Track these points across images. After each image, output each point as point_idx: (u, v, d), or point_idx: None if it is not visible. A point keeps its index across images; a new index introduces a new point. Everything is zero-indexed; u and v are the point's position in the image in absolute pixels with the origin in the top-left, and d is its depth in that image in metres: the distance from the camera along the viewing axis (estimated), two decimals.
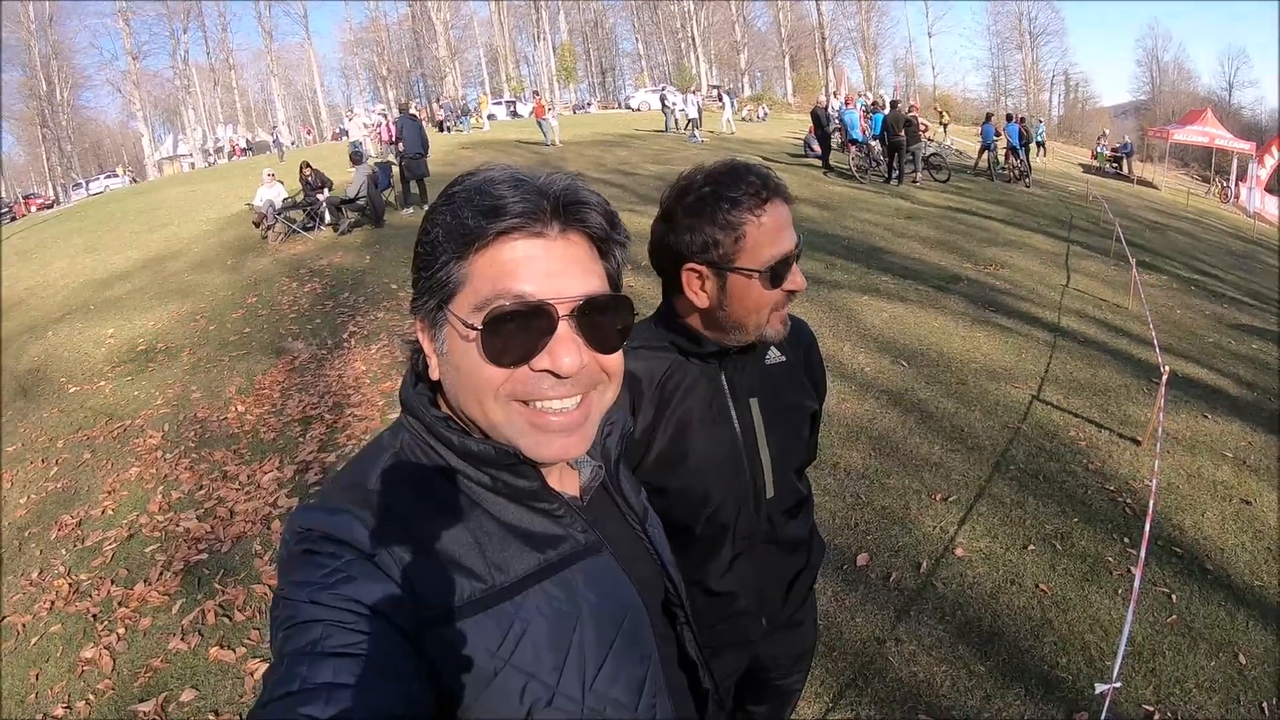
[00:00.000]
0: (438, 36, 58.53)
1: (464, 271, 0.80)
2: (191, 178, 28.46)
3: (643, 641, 0.93)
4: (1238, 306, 9.42)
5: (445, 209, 0.81)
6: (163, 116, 57.44)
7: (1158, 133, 33.69)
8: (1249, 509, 4.36)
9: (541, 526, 0.87)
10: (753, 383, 1.51)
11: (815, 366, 1.69)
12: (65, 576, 4.40)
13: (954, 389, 5.92)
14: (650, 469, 1.44)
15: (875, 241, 10.92)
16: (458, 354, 0.82)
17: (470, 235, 0.79)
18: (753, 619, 1.58)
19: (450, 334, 0.82)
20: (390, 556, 0.76)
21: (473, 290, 0.79)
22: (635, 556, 1.00)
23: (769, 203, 1.35)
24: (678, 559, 1.38)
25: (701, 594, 1.50)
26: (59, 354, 8.55)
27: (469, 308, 0.79)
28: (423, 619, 0.76)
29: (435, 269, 0.80)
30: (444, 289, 0.81)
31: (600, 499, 0.99)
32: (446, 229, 0.80)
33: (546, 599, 0.83)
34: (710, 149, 21.23)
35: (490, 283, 0.79)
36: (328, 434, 5.67)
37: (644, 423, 1.44)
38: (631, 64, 69.95)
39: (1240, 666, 3.16)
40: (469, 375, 0.81)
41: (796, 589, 1.65)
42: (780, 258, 1.36)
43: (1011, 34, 62.63)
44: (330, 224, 12.55)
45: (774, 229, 1.36)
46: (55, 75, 49.90)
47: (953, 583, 3.68)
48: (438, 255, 0.80)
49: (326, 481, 0.84)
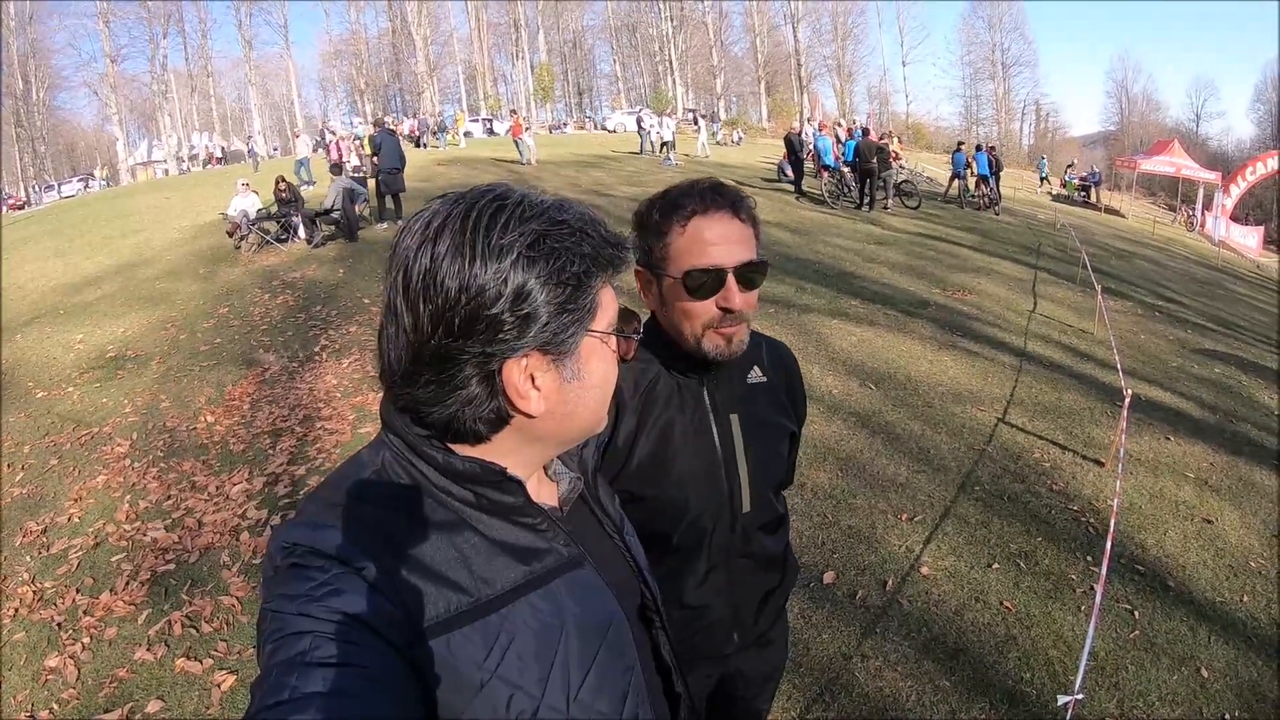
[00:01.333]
0: (417, 52, 58.42)
1: (603, 292, 0.88)
2: (165, 184, 28.13)
3: (626, 652, 0.94)
4: (1201, 332, 9.63)
5: (571, 239, 0.83)
6: (138, 121, 56.84)
7: (1125, 163, 34.41)
8: (1210, 528, 4.48)
9: (526, 540, 0.88)
10: (733, 399, 1.53)
11: (796, 392, 1.72)
12: (30, 584, 4.32)
13: (921, 411, 6.01)
14: (631, 476, 1.46)
15: (846, 266, 11.06)
16: (599, 370, 0.89)
17: (615, 262, 0.88)
18: (726, 633, 1.59)
19: (591, 355, 0.88)
20: (377, 570, 0.77)
21: (608, 308, 0.89)
22: (614, 564, 1.02)
23: (704, 215, 1.38)
24: (655, 569, 1.41)
25: (677, 606, 1.51)
26: (27, 358, 8.41)
27: (605, 324, 0.88)
28: (410, 631, 0.76)
29: (589, 293, 0.85)
30: (590, 311, 0.86)
31: (578, 510, 1.01)
32: (593, 259, 0.85)
33: (532, 611, 0.84)
34: (684, 172, 21.36)
35: (616, 300, 0.91)
36: (298, 446, 5.64)
37: (626, 430, 1.46)
38: (609, 85, 70.15)
39: (1203, 680, 3.25)
40: (610, 381, 0.92)
41: (769, 606, 1.66)
42: (702, 268, 1.37)
43: (984, 64, 63.64)
44: (304, 237, 12.49)
45: (700, 239, 1.37)
46: (32, 74, 49.13)
47: (918, 600, 3.73)
48: (592, 283, 0.85)
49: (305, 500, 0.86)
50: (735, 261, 1.38)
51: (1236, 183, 27.12)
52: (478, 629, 0.80)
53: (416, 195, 13.91)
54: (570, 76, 69.37)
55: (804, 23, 58.86)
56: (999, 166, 19.56)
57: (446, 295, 0.78)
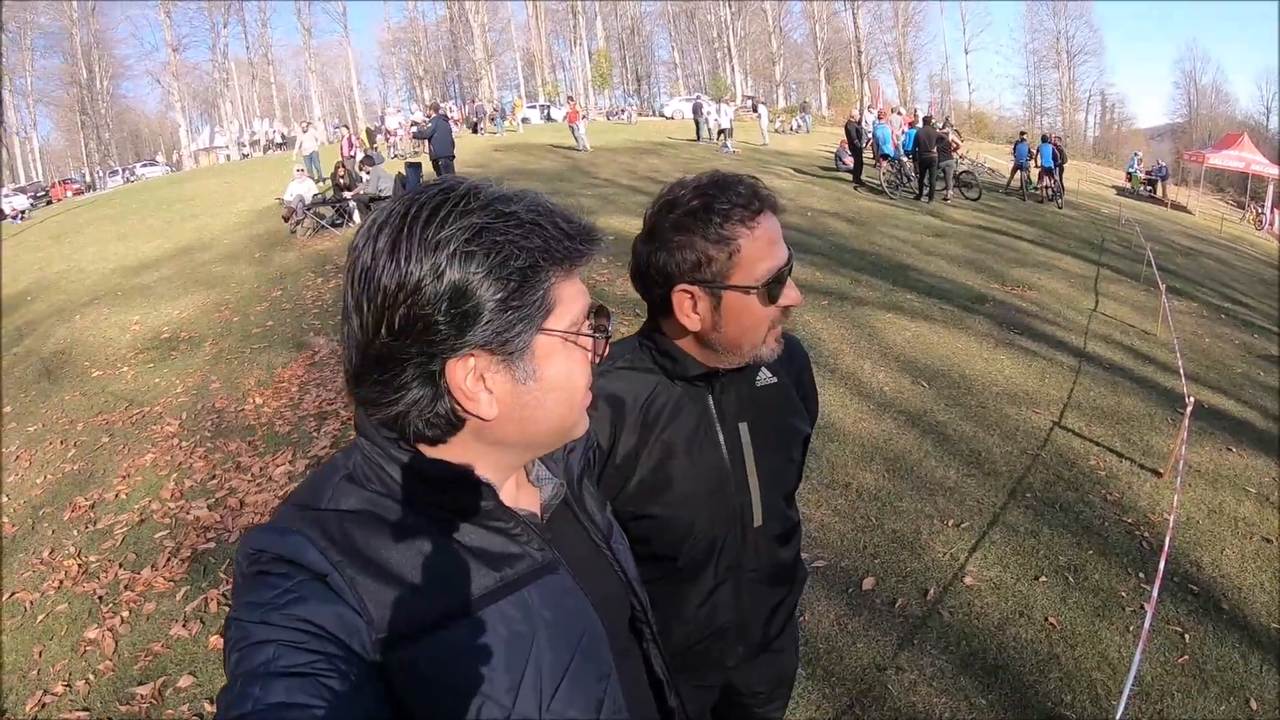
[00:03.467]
0: (475, 39, 58.86)
1: (560, 289, 0.82)
2: (226, 169, 28.87)
3: (601, 660, 0.91)
4: (1268, 336, 9.25)
5: (516, 231, 0.78)
6: (200, 108, 58.23)
7: (1193, 156, 33.25)
8: (1270, 547, 4.26)
9: (497, 545, 0.85)
10: (742, 406, 1.44)
11: (807, 387, 1.63)
12: (75, 557, 4.46)
13: (974, 412, 5.84)
14: (632, 496, 1.39)
15: (903, 258, 10.82)
16: (559, 372, 0.83)
17: (573, 255, 0.81)
18: (730, 645, 1.53)
19: (550, 355, 0.82)
20: (342, 577, 0.75)
21: (567, 307, 0.82)
22: (599, 574, 0.99)
23: (761, 214, 1.28)
24: (658, 586, 1.35)
25: (679, 620, 1.45)
26: (85, 338, 8.69)
27: (567, 323, 0.82)
28: (376, 639, 0.75)
29: (538, 290, 0.79)
30: (542, 309, 0.80)
31: (562, 516, 0.98)
32: (543, 252, 0.79)
33: (502, 618, 0.82)
34: (741, 159, 21.20)
35: (584, 296, 0.85)
36: (342, 430, 5.69)
37: (626, 448, 1.38)
38: (667, 72, 70.05)
39: (1251, 712, 3.08)
40: (576, 384, 0.85)
41: (777, 617, 1.59)
42: (775, 272, 1.29)
43: (1048, 53, 61.90)
44: (359, 222, 12.65)
45: (768, 241, 1.28)
46: (95, 64, 50.64)
47: (960, 612, 3.61)
48: (541, 278, 0.79)
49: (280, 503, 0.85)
50: (788, 257, 1.32)
51: None
52: (445, 636, 0.79)
53: None
54: (628, 63, 69.31)
55: (864, 9, 57.92)
56: (1063, 158, 19.00)
57: (384, 293, 0.76)
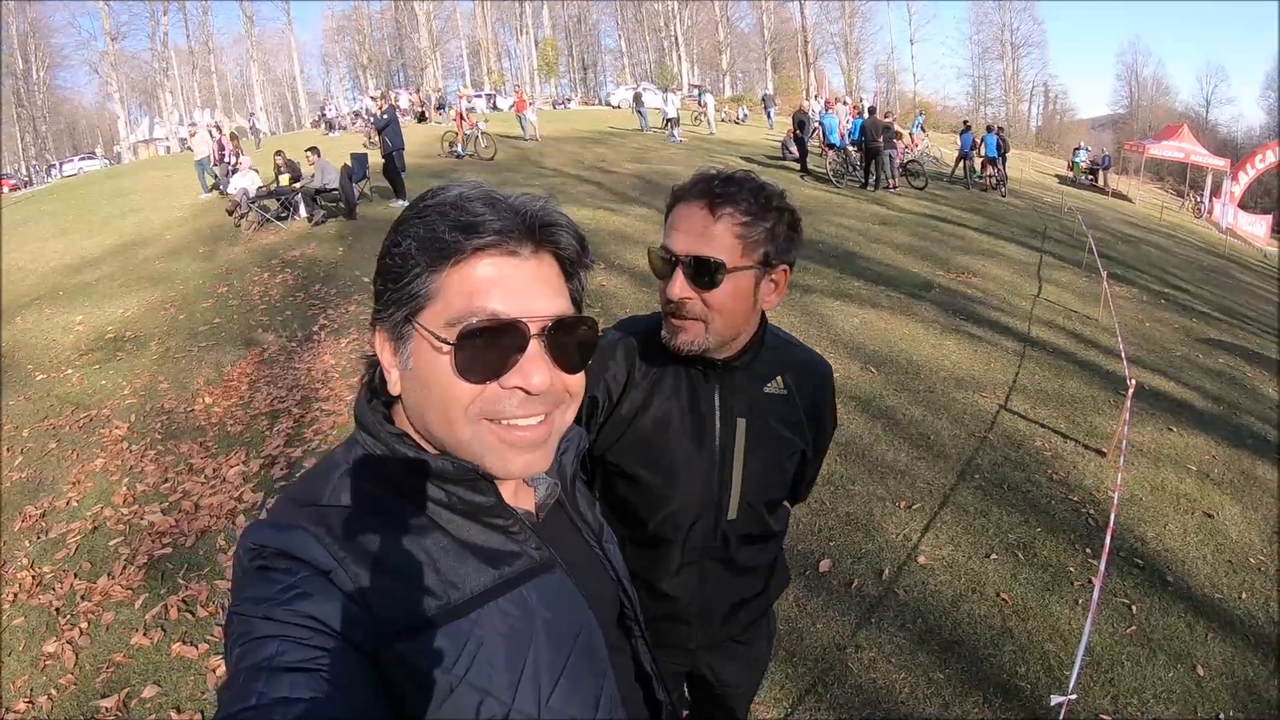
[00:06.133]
0: (420, 27, 58.17)
1: (435, 285, 0.80)
2: (167, 162, 28.01)
3: (597, 658, 0.93)
4: (1207, 321, 9.57)
5: (417, 221, 0.80)
6: (140, 99, 56.52)
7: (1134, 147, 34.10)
8: (1211, 522, 4.46)
9: (497, 543, 0.87)
10: (745, 405, 1.49)
11: (822, 407, 1.64)
12: (29, 569, 4.33)
13: (922, 396, 5.98)
14: (626, 449, 1.46)
15: (849, 246, 10.99)
16: (426, 369, 0.81)
17: (446, 250, 0.79)
18: (690, 629, 1.58)
19: (418, 348, 0.81)
20: (345, 573, 0.76)
21: (444, 305, 0.79)
22: (591, 571, 1.00)
23: (680, 202, 1.37)
24: (629, 554, 1.39)
25: (646, 591, 1.50)
26: (27, 340, 8.39)
27: (440, 322, 0.79)
28: (378, 635, 0.76)
29: (406, 281, 0.80)
30: (413, 301, 0.80)
31: (556, 516, 1.00)
32: (420, 241, 0.79)
33: (501, 616, 0.83)
34: (688, 149, 21.24)
35: (464, 299, 0.79)
36: (295, 428, 5.62)
37: (632, 402, 1.46)
38: (614, 61, 69.89)
39: (1198, 678, 3.24)
40: (439, 391, 0.81)
41: (744, 613, 1.64)
42: (661, 246, 1.37)
43: (993, 44, 63.05)
44: (305, 215, 12.44)
45: (671, 227, 1.38)
46: (32, 53, 48.99)
47: (914, 590, 3.72)
48: (409, 267, 0.80)
49: (277, 498, 0.84)
50: (687, 251, 1.33)
51: (1245, 170, 26.83)
52: (447, 633, 0.80)
53: (417, 172, 13.89)
54: (575, 52, 68.98)
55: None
56: (1006, 148, 19.39)
57: None
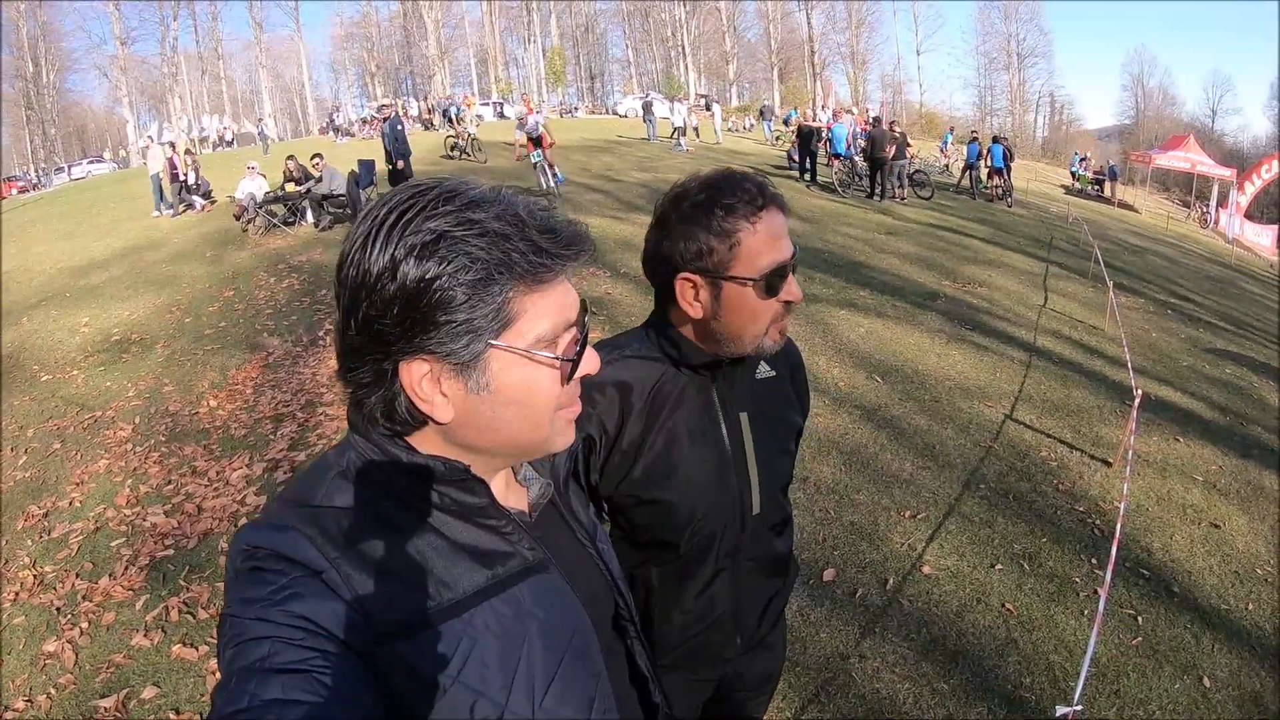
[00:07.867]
0: (428, 35, 58.46)
1: (522, 303, 0.79)
2: None
3: (591, 659, 0.92)
4: (1213, 331, 9.52)
5: (477, 241, 0.76)
6: (149, 103, 56.85)
7: (1140, 157, 34.13)
8: (1218, 532, 4.42)
9: (489, 543, 0.86)
10: (743, 397, 1.48)
11: (801, 384, 1.67)
12: (30, 568, 4.34)
13: (927, 406, 5.96)
14: (638, 481, 1.42)
15: (856, 256, 10.97)
16: (519, 387, 0.81)
17: (538, 270, 0.78)
18: (728, 637, 1.55)
19: (504, 369, 0.80)
20: (338, 574, 0.76)
21: (534, 321, 0.79)
22: (585, 572, 1.00)
23: (765, 210, 1.31)
24: (660, 574, 1.37)
25: (678, 609, 1.48)
26: (33, 341, 8.43)
27: (531, 339, 0.79)
28: (371, 636, 0.75)
29: (491, 303, 0.77)
30: (497, 322, 0.78)
31: (549, 516, 0.99)
32: (501, 265, 0.76)
33: (495, 616, 0.82)
34: (695, 158, 21.28)
35: (560, 312, 0.81)
36: (299, 432, 5.63)
37: (633, 434, 1.41)
38: (621, 70, 70.12)
39: (1204, 689, 3.20)
40: (539, 402, 0.83)
41: (771, 609, 1.63)
42: (775, 267, 1.31)
43: (999, 55, 63.20)
44: (312, 220, 12.49)
45: (769, 237, 1.31)
46: (42, 57, 49.27)
47: (919, 600, 3.70)
48: (494, 291, 0.77)
49: (271, 500, 0.85)
50: (791, 254, 1.35)
51: (1251, 180, 26.86)
52: (440, 634, 0.79)
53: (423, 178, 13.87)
54: (582, 61, 69.28)
55: (818, 9, 58.95)
56: (1011, 158, 19.39)
57: (350, 289, 0.77)
